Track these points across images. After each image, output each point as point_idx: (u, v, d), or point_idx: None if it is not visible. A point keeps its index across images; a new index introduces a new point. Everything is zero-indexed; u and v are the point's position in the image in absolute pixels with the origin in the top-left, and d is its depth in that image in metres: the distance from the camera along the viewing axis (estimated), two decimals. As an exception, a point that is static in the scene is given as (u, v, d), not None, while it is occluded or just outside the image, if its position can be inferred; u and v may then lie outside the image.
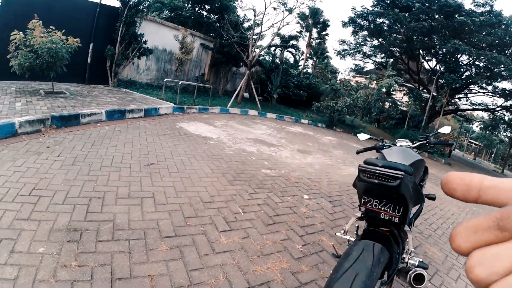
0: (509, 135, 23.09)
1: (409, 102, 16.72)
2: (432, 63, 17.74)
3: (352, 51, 19.22)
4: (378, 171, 1.40)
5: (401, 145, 2.45)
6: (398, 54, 17.83)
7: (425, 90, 18.10)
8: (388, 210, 1.50)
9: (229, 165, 3.92)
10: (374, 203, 1.53)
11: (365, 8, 16.46)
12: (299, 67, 17.01)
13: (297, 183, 3.90)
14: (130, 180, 2.76)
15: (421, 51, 16.87)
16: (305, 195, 3.53)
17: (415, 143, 2.50)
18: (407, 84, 17.89)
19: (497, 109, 18.02)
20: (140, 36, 8.05)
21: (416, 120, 16.10)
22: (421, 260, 1.55)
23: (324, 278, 2.03)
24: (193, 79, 11.12)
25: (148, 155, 3.58)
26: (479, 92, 17.49)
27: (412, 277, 1.45)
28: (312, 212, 3.10)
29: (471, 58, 14.73)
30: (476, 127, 38.08)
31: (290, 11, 11.02)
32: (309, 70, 16.98)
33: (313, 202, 3.40)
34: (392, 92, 13.56)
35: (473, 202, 0.24)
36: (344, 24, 17.68)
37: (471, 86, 17.11)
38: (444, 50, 14.83)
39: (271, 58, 14.68)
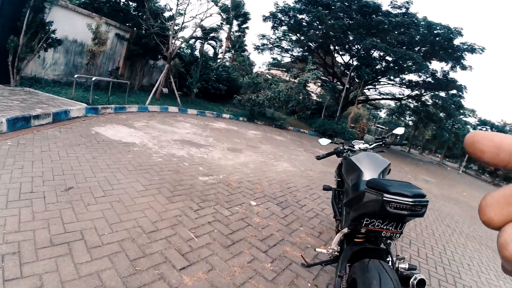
0: (414, 119, 27.43)
1: (324, 94, 18.50)
2: (346, 58, 19.82)
3: (271, 45, 19.93)
4: (411, 203, 1.34)
5: (360, 147, 2.55)
6: (314, 49, 19.25)
7: (338, 83, 20.29)
8: (391, 228, 1.51)
9: (162, 176, 3.45)
10: (376, 224, 1.52)
11: (287, 4, 17.17)
12: (218, 60, 16.69)
13: (239, 188, 3.75)
14: (48, 217, 2.09)
15: (336, 47, 18.55)
16: (252, 202, 3.41)
17: (372, 144, 2.64)
18: (322, 77, 19.61)
19: (404, 98, 21.16)
20: (49, 24, 6.46)
21: (331, 110, 17.91)
22: (408, 262, 1.58)
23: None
24: (106, 74, 9.56)
25: (63, 176, 2.82)
26: (388, 83, 20.39)
27: (415, 284, 1.43)
28: (265, 220, 3.01)
29: (382, 54, 16.74)
30: (383, 113, 45.07)
31: (216, 2, 10.55)
32: (227, 63, 16.86)
33: (262, 208, 3.31)
34: (307, 85, 14.65)
35: (503, 168, 0.21)
36: (265, 19, 18.18)
37: (381, 78, 19.75)
38: (360, 46, 16.49)
39: (190, 51, 13.91)
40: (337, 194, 2.64)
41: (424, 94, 19.57)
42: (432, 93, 18.77)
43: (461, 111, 22.09)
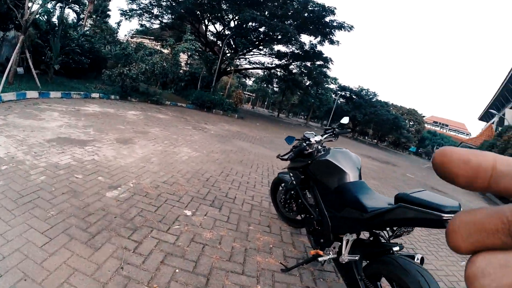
0: (282, 86, 29.46)
1: (197, 64, 17.54)
2: (219, 27, 19.10)
3: (140, 11, 16.90)
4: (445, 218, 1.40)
5: (315, 140, 2.48)
6: (186, 16, 17.60)
7: (211, 52, 19.54)
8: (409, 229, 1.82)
9: (59, 207, 2.31)
10: (403, 228, 1.80)
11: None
12: (78, 28, 12.84)
13: (161, 196, 3.04)
14: None
15: (209, 16, 17.54)
16: (186, 211, 2.84)
17: (323, 135, 2.62)
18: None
19: (273, 67, 22.38)
20: None
21: (206, 80, 17.22)
22: (397, 243, 1.80)
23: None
24: None
25: None
26: (259, 53, 21.07)
27: (419, 262, 1.63)
28: (214, 231, 2.58)
29: (257, 25, 16.79)
30: (251, 81, 47.35)
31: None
32: (89, 32, 13.20)
33: (200, 217, 2.81)
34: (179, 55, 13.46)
35: (480, 191, 0.19)
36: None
37: (254, 49, 20.07)
38: (239, 17, 15.99)
39: (46, 17, 9.95)
40: (299, 193, 2.55)
41: (292, 63, 21.73)
42: (300, 63, 21.06)
43: (326, 79, 25.38)
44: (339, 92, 40.36)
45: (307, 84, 25.36)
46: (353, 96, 41.75)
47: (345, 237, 1.89)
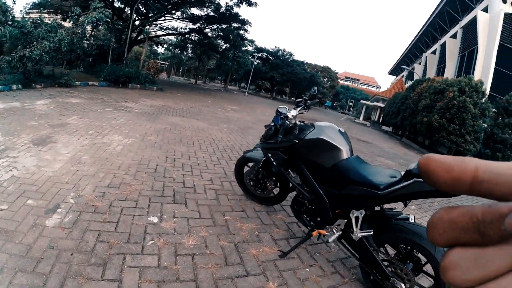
0: (197, 52, 27.66)
1: (106, 35, 14.82)
2: None
3: None
4: None
5: (292, 115, 2.37)
6: None
7: (119, 21, 16.54)
8: None
9: None
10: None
11: None
12: None
13: (114, 207, 2.47)
14: None
15: None
16: (151, 218, 2.39)
17: (297, 108, 2.52)
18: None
19: (188, 32, 20.54)
20: None
21: (116, 53, 14.62)
22: (393, 208, 1.99)
23: None
24: None
25: None
26: (173, 18, 18.87)
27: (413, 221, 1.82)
28: (196, 235, 2.26)
29: None
30: (163, 49, 42.89)
31: None
32: None
33: (169, 220, 2.43)
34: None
35: (462, 194, 0.21)
36: None
37: (167, 14, 17.83)
38: None
39: None
40: (284, 174, 2.43)
41: (207, 27, 20.44)
42: (216, 27, 19.89)
43: (243, 42, 24.73)
44: (256, 54, 40.62)
45: (224, 47, 24.59)
46: (270, 57, 42.80)
47: (353, 213, 1.87)
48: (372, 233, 1.83)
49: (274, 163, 2.42)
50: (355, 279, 2.17)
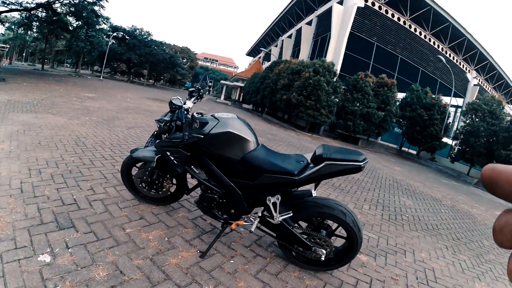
0: (44, 31, 22.17)
1: None
2: None
3: None
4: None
5: (189, 107, 2.33)
6: None
7: None
8: None
9: None
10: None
11: None
12: None
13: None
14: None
15: None
16: (41, 258, 1.86)
17: (191, 98, 2.47)
18: None
19: (33, 7, 16.26)
20: None
21: None
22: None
23: None
24: None
25: None
26: None
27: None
28: (103, 262, 1.93)
29: None
30: (3, 29, 32.48)
31: None
32: None
33: (66, 255, 1.96)
34: None
35: None
36: None
37: None
38: None
39: None
40: (189, 171, 2.35)
41: (57, 1, 16.30)
42: (68, 1, 16.09)
43: (98, 19, 21.73)
44: (111, 33, 36.03)
45: (76, 25, 20.73)
46: (127, 37, 39.21)
47: (270, 200, 2.01)
48: (291, 214, 2.04)
49: (175, 162, 2.26)
50: (275, 256, 2.43)
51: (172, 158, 2.25)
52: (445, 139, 21.03)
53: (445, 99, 22.50)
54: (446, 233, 4.54)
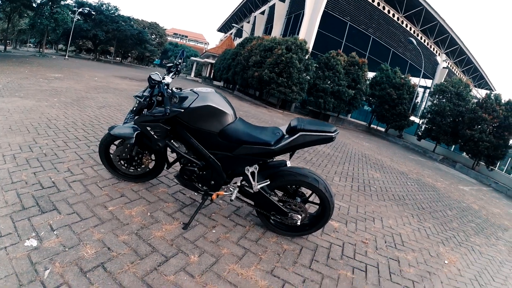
0: (7, 9, 20.45)
1: None
2: None
3: None
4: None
5: (168, 82, 2.32)
6: None
7: None
8: None
9: None
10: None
11: None
12: None
13: None
14: None
15: None
16: (27, 242, 1.88)
17: (168, 74, 2.48)
18: None
19: None
20: None
21: None
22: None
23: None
24: None
25: None
26: None
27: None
28: (91, 241, 1.98)
29: None
30: None
31: None
32: None
33: (53, 237, 1.99)
34: None
35: None
36: None
37: None
38: None
39: None
40: (169, 146, 2.38)
41: None
42: None
43: None
44: (77, 9, 33.28)
45: (40, 1, 18.87)
46: (93, 13, 36.74)
47: (248, 170, 2.17)
48: (269, 182, 2.20)
49: (155, 136, 2.30)
50: (254, 224, 2.62)
51: (153, 133, 2.28)
52: (412, 118, 22.05)
53: (414, 80, 23.37)
54: (412, 203, 4.98)
